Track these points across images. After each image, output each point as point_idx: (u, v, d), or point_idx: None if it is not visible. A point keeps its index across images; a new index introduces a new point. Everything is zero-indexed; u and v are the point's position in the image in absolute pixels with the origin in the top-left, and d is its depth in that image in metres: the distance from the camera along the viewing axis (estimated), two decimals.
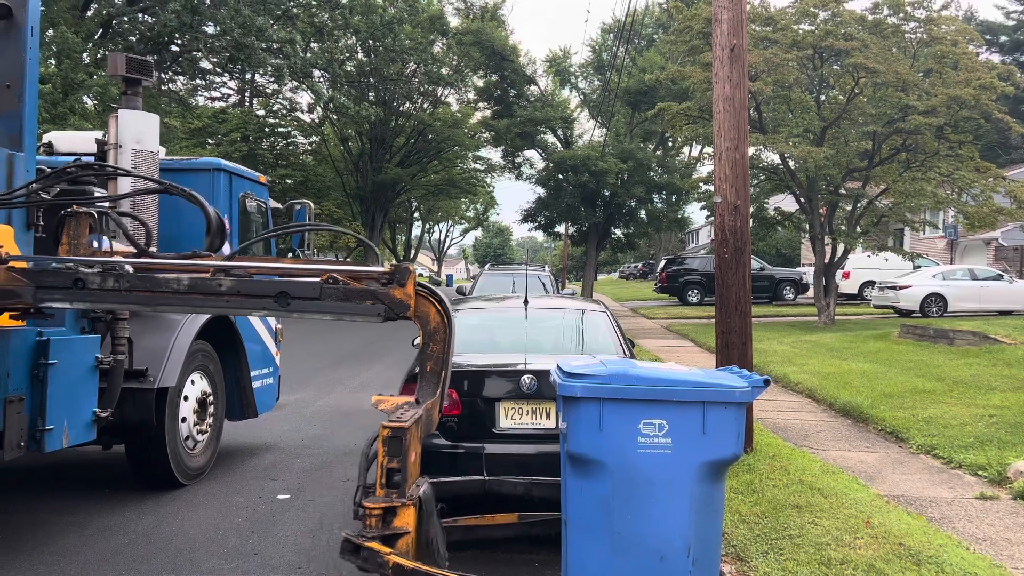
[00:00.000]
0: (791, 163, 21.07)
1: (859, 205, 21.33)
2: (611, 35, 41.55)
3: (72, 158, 6.10)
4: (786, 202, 26.01)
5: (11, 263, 4.02)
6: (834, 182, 20.92)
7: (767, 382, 3.78)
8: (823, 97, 22.51)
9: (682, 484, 3.56)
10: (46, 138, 6.95)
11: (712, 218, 35.60)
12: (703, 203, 26.13)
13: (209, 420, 6.79)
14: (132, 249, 4.57)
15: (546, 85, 38.99)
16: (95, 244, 4.79)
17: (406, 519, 3.44)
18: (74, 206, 4.49)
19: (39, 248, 4.84)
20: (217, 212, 4.80)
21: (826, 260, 21.59)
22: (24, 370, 4.57)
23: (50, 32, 20.35)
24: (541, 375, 5.13)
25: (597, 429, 3.57)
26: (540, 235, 53.97)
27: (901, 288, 22.67)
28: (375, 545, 3.33)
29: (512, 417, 5.12)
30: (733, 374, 3.83)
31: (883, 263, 26.40)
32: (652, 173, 34.29)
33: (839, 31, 19.88)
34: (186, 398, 6.42)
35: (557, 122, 35.76)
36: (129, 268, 4.13)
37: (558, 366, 3.82)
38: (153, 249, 4.98)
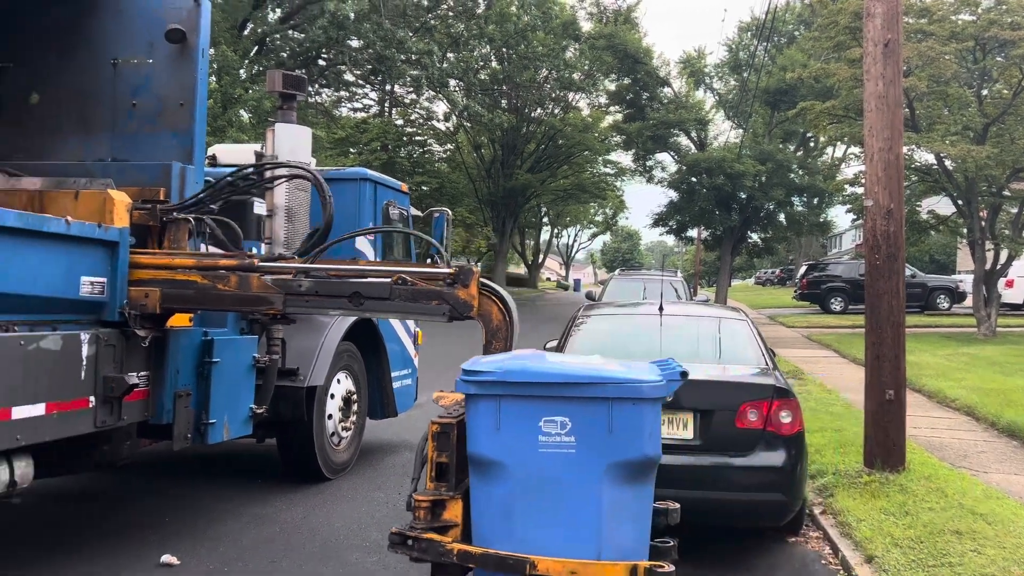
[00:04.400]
0: (947, 163, 19.65)
1: None
2: (749, 33, 40.22)
3: (234, 169, 6.55)
4: (940, 205, 24.23)
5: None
6: (997, 183, 19.34)
7: (684, 374, 3.47)
8: (985, 92, 20.84)
9: (589, 487, 3.26)
10: (210, 151, 7.50)
11: (859, 222, 33.66)
12: (848, 206, 24.80)
13: (353, 418, 7.10)
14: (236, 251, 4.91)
15: (680, 87, 38.22)
16: (194, 248, 5.13)
17: (455, 512, 3.45)
18: (174, 212, 4.85)
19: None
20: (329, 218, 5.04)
21: (987, 267, 19.97)
22: (191, 367, 4.94)
23: (212, 51, 21.97)
24: None
25: (494, 428, 3.32)
26: (671, 239, 53.04)
27: None
28: (433, 536, 3.38)
29: None
30: (659, 367, 3.50)
31: None
32: (792, 175, 32.89)
33: (1004, 20, 18.37)
34: (332, 396, 6.74)
35: (691, 124, 34.97)
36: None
37: (462, 366, 3.50)
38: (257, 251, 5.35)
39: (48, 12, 5.36)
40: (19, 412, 3.75)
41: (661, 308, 6.07)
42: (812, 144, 37.72)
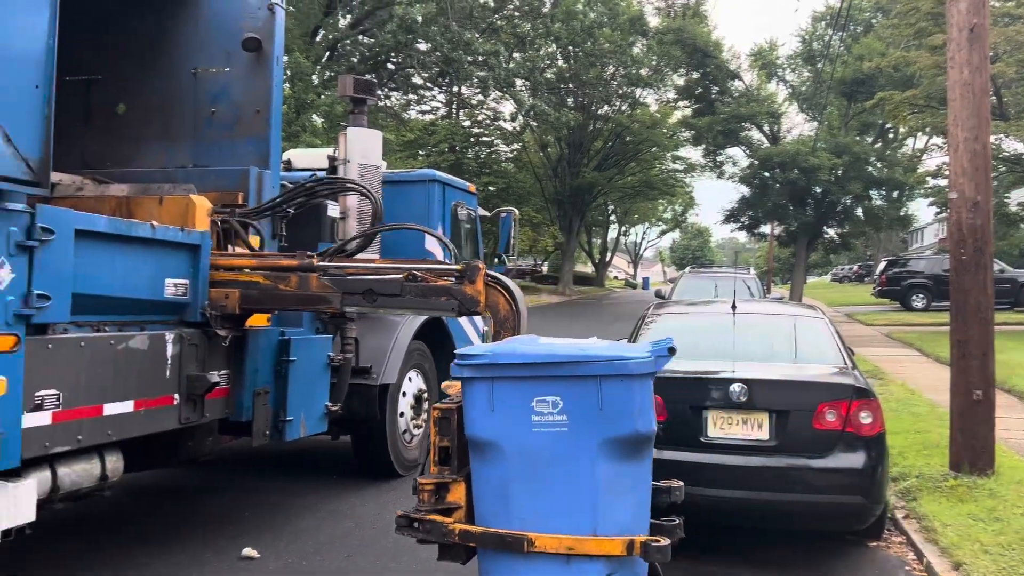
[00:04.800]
0: None
1: None
2: (823, 23, 39.06)
3: (308, 173, 6.73)
4: None
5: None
6: None
7: (672, 350, 3.41)
8: None
9: (583, 464, 3.27)
10: (285, 156, 7.71)
11: (943, 215, 32.37)
12: (931, 199, 23.85)
13: (424, 415, 7.19)
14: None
15: (751, 80, 37.43)
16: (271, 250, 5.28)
17: (458, 494, 3.53)
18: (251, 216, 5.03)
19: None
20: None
21: None
22: (269, 366, 5.08)
23: (285, 58, 22.56)
24: (752, 384, 4.93)
25: (489, 409, 3.36)
26: (743, 236, 51.98)
27: None
28: (436, 517, 3.48)
29: (721, 427, 4.95)
30: (651, 345, 3.47)
31: None
32: (870, 167, 31.85)
33: None
34: (404, 394, 6.85)
35: (763, 117, 34.23)
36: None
37: (455, 352, 3.55)
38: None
39: (132, 26, 5.60)
40: (110, 409, 3.93)
41: (734, 306, 5.96)
42: (891, 135, 36.39)
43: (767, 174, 32.47)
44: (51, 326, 3.63)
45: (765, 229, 38.94)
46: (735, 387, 4.92)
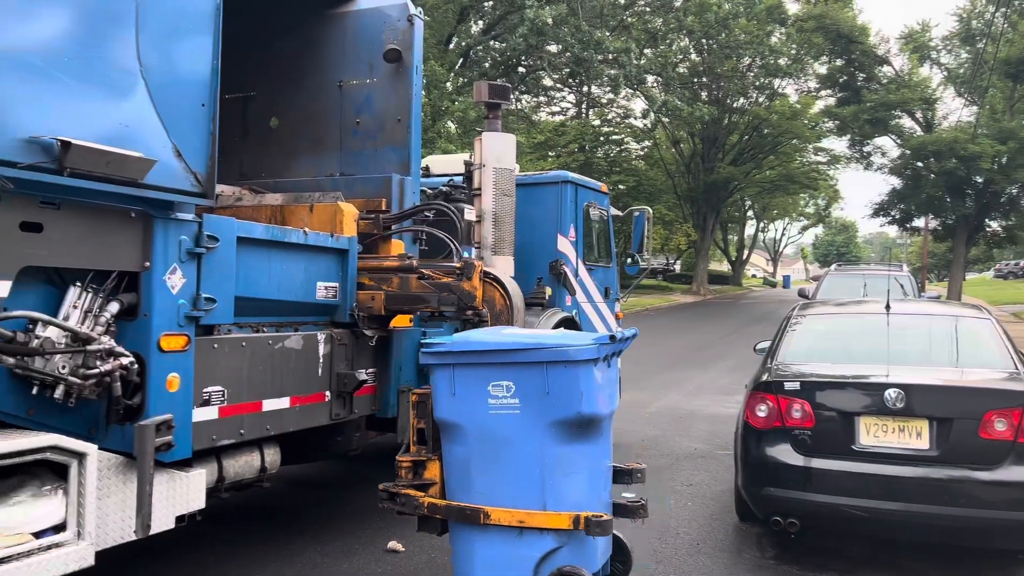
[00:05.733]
0: None
1: None
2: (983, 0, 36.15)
3: (446, 179, 6.91)
4: None
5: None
6: None
7: (612, 338, 3.72)
8: None
9: (533, 444, 3.61)
10: (424, 162, 7.95)
11: None
12: None
13: None
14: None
15: (901, 64, 35.16)
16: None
17: (434, 472, 3.93)
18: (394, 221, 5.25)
19: None
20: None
21: None
22: (412, 365, 5.26)
23: (422, 67, 23.30)
24: (910, 389, 4.63)
25: (451, 394, 3.76)
26: (893, 230, 48.87)
27: None
28: (411, 491, 3.89)
29: (875, 435, 4.67)
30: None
31: None
32: None
33: None
34: None
35: (915, 104, 32.08)
36: None
37: (420, 341, 3.85)
38: None
39: (283, 45, 5.95)
40: (268, 405, 4.19)
41: (888, 306, 5.62)
42: None
43: (920, 164, 30.46)
44: (217, 327, 3.91)
45: (919, 223, 36.53)
46: (891, 392, 4.63)
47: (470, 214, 6.67)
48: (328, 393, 4.59)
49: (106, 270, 3.39)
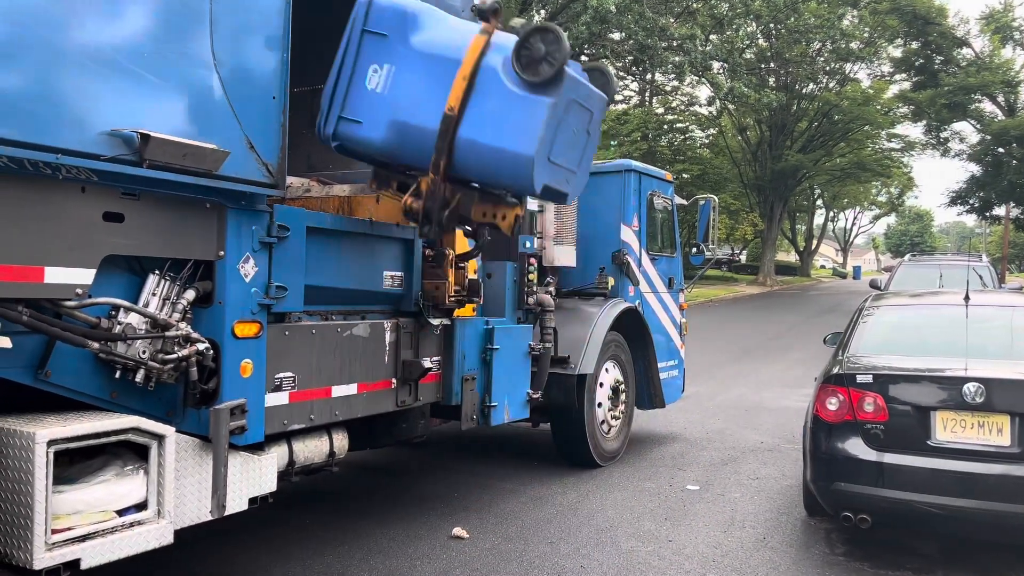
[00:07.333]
0: None
1: None
2: None
3: None
4: None
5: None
6: None
7: None
8: None
9: None
10: None
11: None
12: None
13: (621, 407, 7.18)
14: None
15: (982, 46, 33.62)
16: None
17: None
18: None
19: None
20: None
21: None
22: (476, 353, 5.31)
23: None
24: (990, 384, 4.45)
25: None
26: (971, 220, 46.90)
27: None
28: None
29: (952, 430, 4.51)
30: None
31: None
32: None
33: None
34: (601, 385, 6.87)
35: (997, 87, 30.68)
36: None
37: None
38: None
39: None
40: (337, 391, 4.28)
41: (967, 298, 5.41)
42: None
43: (1002, 150, 29.14)
44: (288, 315, 4.00)
45: (999, 211, 34.99)
46: (969, 387, 4.46)
47: (532, 204, 6.67)
48: (394, 380, 4.66)
49: (183, 259, 3.50)
